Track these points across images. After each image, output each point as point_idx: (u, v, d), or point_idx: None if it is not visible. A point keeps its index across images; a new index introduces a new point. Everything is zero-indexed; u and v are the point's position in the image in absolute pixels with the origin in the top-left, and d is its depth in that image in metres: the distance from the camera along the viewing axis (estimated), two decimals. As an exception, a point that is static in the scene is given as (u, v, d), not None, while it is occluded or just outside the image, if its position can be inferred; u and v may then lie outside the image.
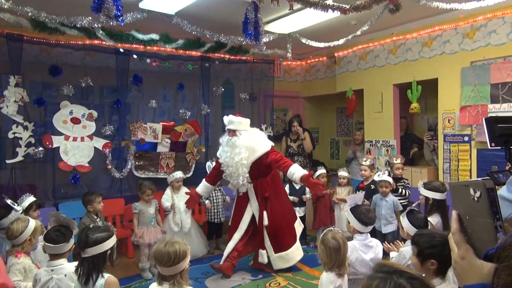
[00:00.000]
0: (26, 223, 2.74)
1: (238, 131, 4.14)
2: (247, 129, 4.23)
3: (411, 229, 2.62)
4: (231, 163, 4.09)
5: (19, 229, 2.69)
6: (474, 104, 4.66)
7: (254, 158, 4.13)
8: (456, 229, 0.90)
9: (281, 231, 4.28)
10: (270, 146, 4.28)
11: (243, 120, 4.25)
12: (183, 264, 2.10)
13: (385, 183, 4.32)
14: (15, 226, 2.71)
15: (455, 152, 4.91)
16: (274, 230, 4.24)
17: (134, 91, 5.61)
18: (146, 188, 4.47)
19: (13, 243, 2.70)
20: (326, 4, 3.85)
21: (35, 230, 2.76)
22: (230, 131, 4.17)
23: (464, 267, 0.87)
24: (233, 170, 4.09)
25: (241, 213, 4.34)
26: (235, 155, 4.06)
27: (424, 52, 5.23)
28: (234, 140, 4.11)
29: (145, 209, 4.47)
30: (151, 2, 4.13)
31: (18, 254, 2.63)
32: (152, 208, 4.52)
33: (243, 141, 4.10)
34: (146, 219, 4.47)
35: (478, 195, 0.84)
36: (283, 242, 4.28)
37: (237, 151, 4.07)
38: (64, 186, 5.01)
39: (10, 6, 3.62)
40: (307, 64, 7.58)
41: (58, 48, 4.87)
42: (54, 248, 2.39)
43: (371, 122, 6.03)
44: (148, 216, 4.47)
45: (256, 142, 4.20)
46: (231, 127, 4.16)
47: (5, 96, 4.46)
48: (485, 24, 4.59)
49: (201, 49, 5.39)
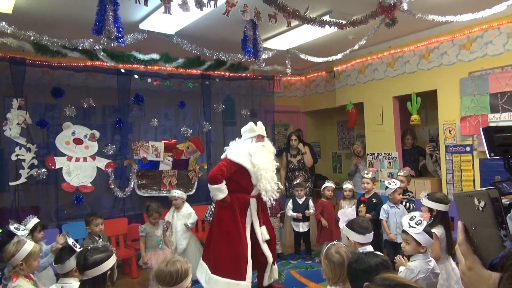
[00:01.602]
0: (20, 246, 2.67)
1: (265, 137, 4.12)
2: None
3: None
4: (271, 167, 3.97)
5: (11, 251, 2.63)
6: (474, 114, 4.67)
7: None
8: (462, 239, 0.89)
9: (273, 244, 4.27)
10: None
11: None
12: (185, 283, 2.09)
13: (398, 189, 4.28)
14: (9, 248, 2.67)
15: (457, 163, 4.90)
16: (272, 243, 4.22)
17: (135, 111, 5.67)
18: (154, 211, 4.29)
19: (10, 264, 2.66)
20: (323, 20, 3.90)
21: (31, 254, 2.66)
22: (260, 137, 4.04)
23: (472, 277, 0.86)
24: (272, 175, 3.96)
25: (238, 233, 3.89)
26: (270, 160, 4.02)
27: (422, 64, 5.28)
28: (266, 145, 4.07)
29: (152, 232, 4.28)
30: (151, 22, 4.20)
31: (13, 277, 2.58)
32: (160, 230, 4.34)
33: (270, 146, 4.14)
34: (154, 242, 4.27)
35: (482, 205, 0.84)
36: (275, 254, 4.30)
37: (270, 155, 4.05)
38: (67, 207, 5.01)
39: (13, 31, 3.70)
40: (306, 79, 7.64)
41: (60, 70, 4.95)
42: (58, 268, 2.48)
43: (372, 135, 6.04)
44: (156, 239, 4.28)
45: None
46: (261, 133, 4.06)
47: (8, 119, 4.50)
48: (481, 35, 4.64)
49: (201, 67, 5.45)
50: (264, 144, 4.04)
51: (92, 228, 3.99)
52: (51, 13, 3.91)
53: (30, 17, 3.92)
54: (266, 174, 3.88)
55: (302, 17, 3.71)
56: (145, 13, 4.04)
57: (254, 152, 3.93)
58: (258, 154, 3.92)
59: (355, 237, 2.77)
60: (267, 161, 3.95)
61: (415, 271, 2.50)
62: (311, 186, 6.21)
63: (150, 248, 4.24)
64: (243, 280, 3.79)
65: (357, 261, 2.03)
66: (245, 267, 3.81)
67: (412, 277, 2.49)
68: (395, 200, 4.28)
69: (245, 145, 4.01)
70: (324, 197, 5.27)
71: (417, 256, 2.60)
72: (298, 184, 5.40)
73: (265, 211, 4.19)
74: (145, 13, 4.02)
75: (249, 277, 3.83)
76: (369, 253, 2.16)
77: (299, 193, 5.27)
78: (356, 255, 2.13)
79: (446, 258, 3.07)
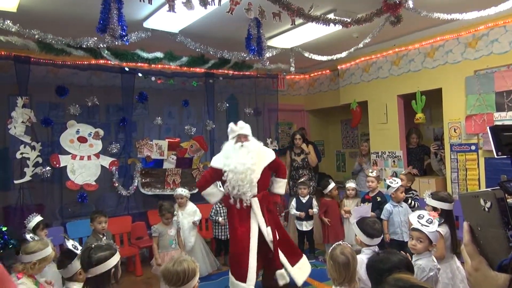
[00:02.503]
0: (44, 246, 2.68)
1: (249, 135, 4.00)
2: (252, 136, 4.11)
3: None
4: (241, 169, 3.79)
5: (33, 247, 2.63)
6: (480, 113, 4.64)
7: (264, 165, 3.98)
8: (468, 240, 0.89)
9: (287, 243, 4.13)
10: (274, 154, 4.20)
11: (249, 127, 4.11)
12: (192, 283, 2.08)
13: (401, 187, 4.27)
14: (33, 244, 2.68)
15: (462, 162, 4.87)
16: (285, 242, 4.07)
17: (139, 109, 5.67)
18: (166, 211, 4.19)
19: (20, 259, 2.64)
20: (327, 19, 3.89)
21: (47, 258, 2.69)
22: (241, 137, 3.96)
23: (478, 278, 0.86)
24: (242, 177, 3.77)
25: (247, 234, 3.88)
26: (247, 161, 3.83)
27: (427, 63, 5.25)
28: (247, 144, 3.92)
29: (165, 231, 4.17)
30: (155, 21, 4.20)
31: (19, 274, 2.58)
32: (173, 229, 4.23)
33: (255, 146, 3.95)
34: (166, 242, 4.16)
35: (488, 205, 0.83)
36: (296, 252, 4.14)
37: (250, 156, 3.86)
38: (71, 205, 5.03)
39: (18, 29, 3.71)
40: (310, 78, 7.62)
41: (65, 68, 4.96)
42: (61, 273, 2.52)
43: (376, 134, 6.01)
44: (168, 238, 4.17)
45: (263, 149, 4.12)
46: (243, 132, 3.98)
47: (12, 117, 4.52)
48: (487, 33, 4.60)
49: (205, 65, 5.45)
50: (243, 144, 3.90)
51: (95, 225, 4.01)
52: (56, 11, 3.92)
53: (35, 15, 3.94)
54: (234, 176, 3.80)
55: (306, 15, 3.69)
56: (149, 12, 4.04)
57: (228, 153, 3.95)
58: (231, 155, 3.90)
59: (363, 238, 2.76)
60: (240, 162, 3.82)
61: (426, 269, 2.51)
62: (315, 184, 6.19)
63: (162, 248, 4.15)
64: (243, 282, 3.76)
65: (382, 261, 2.07)
66: (246, 270, 3.76)
67: (424, 275, 2.50)
68: (398, 199, 4.26)
69: (225, 147, 4.05)
70: (329, 197, 5.26)
71: (424, 255, 2.60)
72: (302, 183, 5.39)
73: (270, 212, 4.04)
74: (149, 11, 4.03)
75: (251, 280, 3.75)
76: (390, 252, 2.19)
77: (302, 192, 5.25)
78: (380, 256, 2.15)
79: (451, 257, 3.06)
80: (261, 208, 3.94)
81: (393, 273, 1.32)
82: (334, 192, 5.24)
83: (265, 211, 3.95)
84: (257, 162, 3.88)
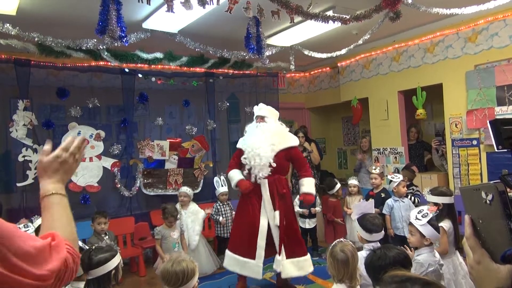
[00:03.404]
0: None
1: (266, 117, 4.00)
2: (276, 120, 4.08)
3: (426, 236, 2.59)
4: (253, 147, 3.85)
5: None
6: (481, 108, 4.63)
7: (281, 147, 3.92)
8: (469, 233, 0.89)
9: (293, 235, 4.03)
10: (297, 144, 4.14)
11: (273, 110, 4.10)
12: (192, 283, 2.07)
13: (402, 182, 4.29)
14: None
15: (464, 157, 4.86)
16: (287, 233, 3.97)
17: (140, 110, 5.68)
18: (169, 215, 4.19)
19: None
20: (326, 16, 3.89)
21: None
22: (258, 118, 4.01)
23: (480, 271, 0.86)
24: (259, 152, 3.81)
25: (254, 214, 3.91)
26: (263, 140, 3.86)
27: (427, 58, 5.24)
28: (261, 125, 3.96)
29: (167, 234, 4.16)
30: (154, 21, 4.20)
31: None
32: (176, 232, 4.21)
33: (271, 127, 3.95)
34: (169, 244, 4.15)
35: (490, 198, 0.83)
36: (296, 248, 4.02)
37: (265, 135, 3.88)
38: (74, 207, 4.99)
39: (17, 32, 3.71)
40: (310, 75, 7.61)
41: (65, 71, 4.97)
42: None
43: (377, 130, 6.01)
44: (171, 241, 4.15)
45: (285, 133, 4.07)
46: (260, 113, 4.01)
47: (14, 120, 4.53)
48: (486, 27, 4.59)
49: (205, 65, 5.46)
50: (258, 125, 3.97)
51: (95, 226, 4.04)
52: (55, 14, 3.93)
53: (34, 18, 3.94)
54: (250, 152, 3.86)
55: (305, 13, 3.70)
56: (148, 12, 4.05)
57: (247, 134, 4.08)
58: (247, 136, 4.04)
59: (363, 233, 2.77)
60: (254, 141, 3.89)
61: (425, 265, 2.50)
62: (317, 182, 6.19)
63: (165, 251, 4.14)
64: (252, 258, 3.80)
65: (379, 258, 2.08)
66: (255, 247, 3.81)
67: (422, 271, 2.49)
68: (400, 193, 4.27)
69: (247, 128, 4.18)
70: (334, 197, 5.25)
71: (424, 250, 2.59)
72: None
73: (283, 198, 3.94)
74: (148, 12, 4.03)
75: (260, 258, 3.80)
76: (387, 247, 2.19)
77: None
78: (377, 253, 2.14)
79: (454, 253, 3.05)
80: (271, 191, 3.89)
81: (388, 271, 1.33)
82: (339, 192, 5.25)
83: (276, 195, 3.89)
84: (271, 143, 3.86)
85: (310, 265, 4.11)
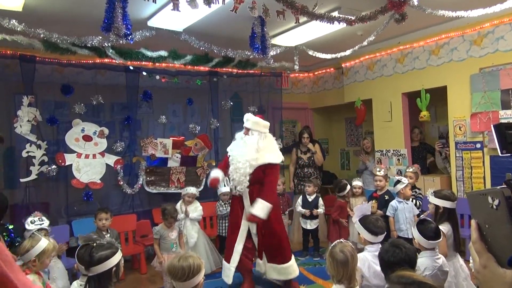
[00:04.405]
0: (35, 242, 2.67)
1: (251, 130, 4.01)
2: (262, 132, 4.04)
3: (422, 240, 2.59)
4: (235, 159, 3.98)
5: (25, 246, 2.63)
6: (485, 111, 4.62)
7: (260, 163, 3.97)
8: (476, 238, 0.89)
9: (276, 243, 4.07)
10: (278, 161, 4.08)
11: (260, 122, 4.06)
12: (197, 278, 2.09)
13: (408, 184, 4.31)
14: (25, 243, 2.67)
15: (467, 160, 4.85)
16: (269, 241, 4.05)
17: (144, 108, 5.69)
18: (169, 216, 4.19)
19: (22, 260, 2.65)
20: (331, 16, 3.88)
21: (44, 251, 2.67)
22: (245, 129, 4.05)
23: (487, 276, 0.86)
24: (239, 166, 3.94)
25: (237, 220, 4.10)
26: (244, 153, 3.94)
27: (432, 60, 5.22)
28: (246, 138, 4.01)
29: (166, 234, 4.17)
30: (159, 20, 4.21)
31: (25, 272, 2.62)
32: (175, 232, 4.23)
33: (253, 141, 3.97)
34: (167, 244, 4.17)
35: (496, 203, 0.83)
36: (277, 254, 4.06)
37: (247, 149, 3.95)
38: (77, 203, 5.06)
39: (23, 29, 3.73)
40: (314, 76, 7.61)
41: (70, 67, 4.99)
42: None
43: (380, 132, 6.00)
44: (169, 241, 4.17)
45: (267, 148, 4.05)
46: (245, 125, 4.05)
47: (18, 116, 4.55)
48: (492, 30, 4.57)
49: (209, 64, 5.46)
50: (243, 137, 4.03)
51: (97, 222, 4.06)
52: (60, 10, 3.94)
53: (40, 15, 3.96)
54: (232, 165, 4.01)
55: (310, 13, 3.69)
56: (153, 10, 4.05)
57: (233, 142, 4.23)
58: (233, 146, 4.18)
59: (366, 235, 2.76)
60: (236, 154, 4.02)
61: (421, 268, 2.48)
62: (320, 183, 6.20)
63: (163, 250, 4.17)
64: (228, 262, 4.06)
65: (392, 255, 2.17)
66: (231, 252, 4.04)
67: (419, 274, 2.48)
68: (406, 196, 4.28)
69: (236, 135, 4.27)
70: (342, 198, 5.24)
71: (425, 253, 2.59)
72: (308, 180, 5.42)
73: None
74: (154, 10, 4.04)
75: (234, 262, 4.02)
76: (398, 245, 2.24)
77: (307, 189, 5.26)
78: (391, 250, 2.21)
79: (454, 255, 3.05)
80: (251, 201, 3.98)
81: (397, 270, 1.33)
82: (349, 194, 5.23)
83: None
84: (251, 158, 3.92)
85: (294, 270, 4.13)
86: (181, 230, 4.41)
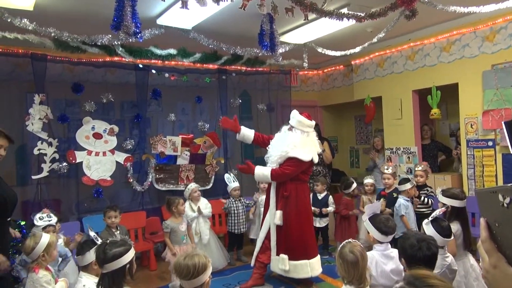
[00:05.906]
0: (38, 238, 2.72)
1: (294, 128, 4.16)
2: (305, 131, 4.18)
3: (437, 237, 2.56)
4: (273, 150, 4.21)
5: (30, 245, 2.68)
6: (497, 108, 4.55)
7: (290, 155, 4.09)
8: (485, 237, 0.87)
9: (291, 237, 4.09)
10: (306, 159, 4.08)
11: (304, 121, 4.17)
12: (203, 277, 2.10)
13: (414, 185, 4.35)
14: (28, 242, 2.72)
15: (479, 158, 4.78)
16: (285, 234, 4.10)
17: (153, 105, 5.73)
18: (173, 205, 4.27)
19: (30, 258, 2.71)
20: (341, 13, 3.85)
21: (49, 245, 2.73)
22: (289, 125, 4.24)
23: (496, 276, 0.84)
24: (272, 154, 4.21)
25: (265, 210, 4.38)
26: (279, 146, 4.15)
27: (443, 57, 5.15)
28: (288, 133, 4.19)
29: (176, 227, 4.25)
30: (168, 18, 4.23)
31: (35, 269, 2.65)
32: (184, 225, 4.31)
33: (292, 139, 4.13)
34: (178, 237, 4.25)
35: (507, 201, 0.81)
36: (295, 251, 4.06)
37: (285, 143, 4.12)
38: (87, 200, 5.11)
39: (34, 28, 3.77)
40: (323, 73, 7.57)
41: (80, 66, 5.04)
42: (78, 259, 2.60)
43: (390, 129, 5.95)
44: (180, 234, 4.25)
45: (303, 146, 4.13)
46: (290, 122, 4.23)
47: (30, 114, 4.61)
48: (505, 26, 4.49)
49: (218, 62, 5.46)
50: (286, 131, 4.26)
51: (106, 220, 4.09)
52: (71, 9, 3.98)
53: (50, 13, 4.00)
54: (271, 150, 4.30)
55: (319, 10, 3.67)
56: (162, 9, 4.07)
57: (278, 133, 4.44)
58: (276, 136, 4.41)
59: (376, 235, 2.74)
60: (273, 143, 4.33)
61: None
62: (329, 181, 6.17)
63: (174, 243, 4.22)
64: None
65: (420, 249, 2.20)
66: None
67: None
68: (410, 195, 4.29)
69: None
70: (349, 195, 5.22)
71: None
72: (316, 179, 5.40)
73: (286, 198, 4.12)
74: (162, 8, 4.05)
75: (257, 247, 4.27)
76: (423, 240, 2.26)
77: (316, 188, 5.25)
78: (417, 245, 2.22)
79: (464, 255, 3.01)
80: (277, 192, 4.23)
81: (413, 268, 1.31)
82: (355, 191, 5.22)
83: (280, 196, 4.18)
84: (284, 150, 4.10)
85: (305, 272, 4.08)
86: (189, 222, 4.45)
